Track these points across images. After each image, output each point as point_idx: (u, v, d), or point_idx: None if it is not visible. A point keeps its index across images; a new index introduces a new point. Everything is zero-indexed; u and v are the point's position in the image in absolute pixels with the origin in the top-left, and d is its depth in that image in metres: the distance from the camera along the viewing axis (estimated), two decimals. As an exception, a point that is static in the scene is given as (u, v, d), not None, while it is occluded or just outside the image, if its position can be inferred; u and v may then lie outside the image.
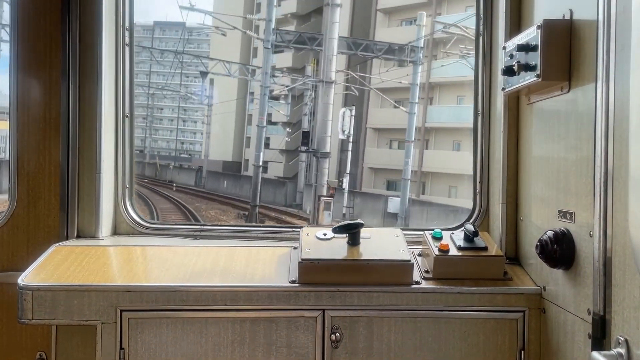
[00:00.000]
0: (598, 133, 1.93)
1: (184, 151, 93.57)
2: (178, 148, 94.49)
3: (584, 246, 2.13)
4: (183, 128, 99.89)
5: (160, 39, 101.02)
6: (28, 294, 2.34)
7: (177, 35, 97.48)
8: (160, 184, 44.15)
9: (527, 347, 2.51)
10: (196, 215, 25.66)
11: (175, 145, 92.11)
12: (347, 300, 2.46)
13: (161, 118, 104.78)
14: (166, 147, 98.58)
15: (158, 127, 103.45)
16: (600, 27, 1.91)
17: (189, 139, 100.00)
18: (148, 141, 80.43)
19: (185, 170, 56.21)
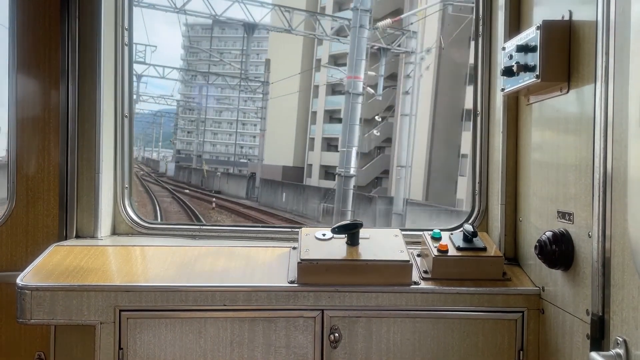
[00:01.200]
0: (597, 134, 1.93)
1: (243, 155, 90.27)
2: (237, 152, 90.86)
3: (582, 247, 2.13)
4: (243, 132, 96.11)
5: (219, 38, 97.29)
6: (27, 294, 2.34)
7: (236, 33, 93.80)
8: (202, 195, 36.65)
9: (525, 347, 2.51)
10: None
11: (234, 150, 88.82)
12: (346, 300, 2.46)
13: (220, 121, 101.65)
14: (225, 151, 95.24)
15: (217, 131, 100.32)
16: (600, 28, 1.91)
17: (249, 142, 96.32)
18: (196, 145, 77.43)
19: (236, 178, 47.24)
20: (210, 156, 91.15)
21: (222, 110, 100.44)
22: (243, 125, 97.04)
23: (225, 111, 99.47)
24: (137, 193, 32.71)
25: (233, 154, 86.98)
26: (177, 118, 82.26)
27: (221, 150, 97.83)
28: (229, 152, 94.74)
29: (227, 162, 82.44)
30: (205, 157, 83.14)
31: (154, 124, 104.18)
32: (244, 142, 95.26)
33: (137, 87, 59.35)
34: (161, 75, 39.45)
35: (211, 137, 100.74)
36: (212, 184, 46.61)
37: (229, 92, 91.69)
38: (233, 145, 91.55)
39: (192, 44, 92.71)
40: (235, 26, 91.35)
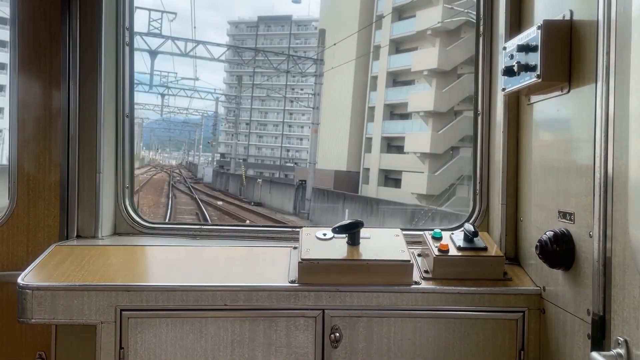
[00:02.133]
0: (598, 133, 1.93)
1: (289, 159, 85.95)
2: (283, 156, 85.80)
3: (583, 246, 2.13)
4: (289, 134, 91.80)
5: (265, 35, 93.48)
6: (28, 294, 2.34)
7: (282, 30, 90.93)
8: (237, 209, 29.44)
9: (526, 347, 2.51)
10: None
11: (280, 153, 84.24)
12: (347, 300, 2.46)
13: (265, 123, 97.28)
14: (271, 154, 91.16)
15: (262, 134, 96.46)
16: (601, 27, 1.91)
17: (295, 145, 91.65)
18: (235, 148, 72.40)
19: (280, 187, 36.73)
20: (255, 160, 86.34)
21: (267, 112, 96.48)
22: (289, 127, 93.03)
23: (271, 112, 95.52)
24: (154, 205, 29.11)
25: (279, 158, 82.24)
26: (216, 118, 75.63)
27: (266, 153, 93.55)
28: (274, 155, 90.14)
29: (272, 166, 78.22)
30: (250, 160, 77.94)
31: (197, 126, 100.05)
32: (290, 145, 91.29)
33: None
34: (183, 53, 34.33)
35: (256, 140, 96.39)
36: (252, 193, 39.26)
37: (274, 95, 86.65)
38: (279, 148, 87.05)
39: (237, 42, 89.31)
40: (282, 23, 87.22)
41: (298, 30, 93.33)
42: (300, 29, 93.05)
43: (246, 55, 53.46)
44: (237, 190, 43.30)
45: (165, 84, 59.69)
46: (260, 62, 49.06)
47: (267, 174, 66.35)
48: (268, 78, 79.25)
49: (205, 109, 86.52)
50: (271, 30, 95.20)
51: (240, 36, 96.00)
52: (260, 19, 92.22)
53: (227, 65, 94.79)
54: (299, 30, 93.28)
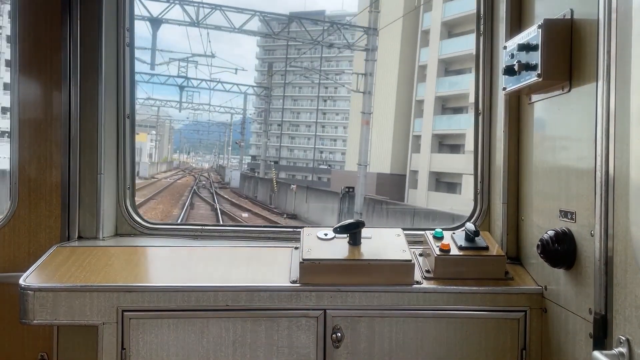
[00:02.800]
0: (599, 132, 1.93)
1: (323, 161, 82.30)
2: (316, 158, 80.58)
3: (585, 245, 2.13)
4: (322, 135, 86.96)
5: (296, 32, 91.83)
6: (29, 295, 2.34)
7: (315, 26, 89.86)
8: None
9: (528, 346, 2.51)
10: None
11: (313, 155, 79.40)
12: (349, 300, 2.46)
13: (297, 124, 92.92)
14: (304, 156, 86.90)
15: (294, 135, 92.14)
16: (601, 26, 1.91)
17: (329, 146, 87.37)
18: (264, 149, 68.11)
19: (319, 194, 30.84)
20: (287, 162, 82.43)
21: (299, 112, 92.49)
22: (322, 127, 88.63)
23: (304, 112, 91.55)
24: (160, 219, 23.13)
25: (311, 160, 77.49)
26: (244, 116, 69.25)
27: (299, 155, 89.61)
28: (307, 157, 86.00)
29: (304, 168, 74.83)
30: (282, 163, 73.15)
31: (226, 126, 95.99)
32: (323, 147, 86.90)
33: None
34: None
35: (288, 141, 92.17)
36: (284, 201, 32.85)
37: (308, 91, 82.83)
38: (312, 149, 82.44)
39: (268, 40, 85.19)
40: (315, 18, 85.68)
41: (331, 26, 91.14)
42: (334, 26, 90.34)
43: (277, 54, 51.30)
44: (267, 198, 37.03)
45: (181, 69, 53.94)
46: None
47: (300, 176, 63.46)
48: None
49: (233, 106, 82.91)
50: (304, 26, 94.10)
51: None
52: (291, 14, 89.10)
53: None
54: (333, 26, 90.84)
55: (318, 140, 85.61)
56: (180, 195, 39.17)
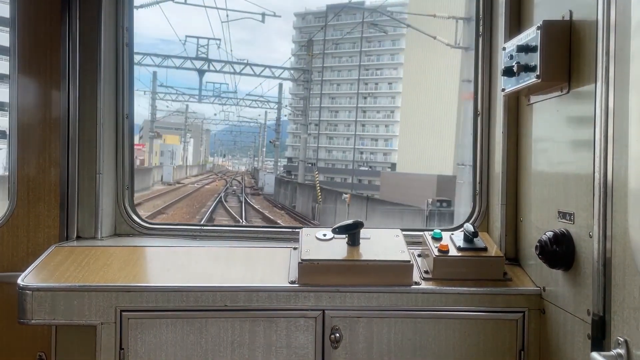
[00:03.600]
0: (597, 133, 1.93)
1: (363, 162, 76.41)
2: (356, 159, 73.95)
3: (583, 247, 2.13)
4: (362, 134, 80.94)
5: (334, 26, 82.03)
6: (28, 294, 2.34)
7: (354, 19, 78.67)
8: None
9: (526, 347, 2.51)
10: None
11: (352, 155, 72.86)
12: (347, 300, 2.46)
13: (336, 123, 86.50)
14: (342, 157, 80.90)
15: (332, 135, 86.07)
16: (600, 28, 1.91)
17: (369, 146, 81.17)
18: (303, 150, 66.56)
19: (387, 209, 24.33)
20: (325, 164, 76.97)
21: (337, 110, 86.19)
22: (362, 126, 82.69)
23: (342, 111, 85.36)
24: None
25: (351, 161, 71.25)
26: (279, 110, 60.87)
27: (337, 156, 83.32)
28: (346, 158, 79.53)
29: (344, 170, 69.31)
30: (320, 164, 66.74)
31: (262, 126, 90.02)
32: (364, 147, 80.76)
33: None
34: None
35: (326, 141, 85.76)
36: (332, 215, 25.45)
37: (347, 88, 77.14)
38: (351, 150, 75.76)
39: (303, 36, 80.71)
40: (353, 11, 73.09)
41: (372, 18, 79.45)
42: (375, 15, 78.76)
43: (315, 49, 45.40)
44: (309, 209, 29.27)
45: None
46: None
47: (338, 179, 59.45)
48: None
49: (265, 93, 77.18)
50: (341, 19, 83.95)
51: (307, 28, 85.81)
52: (329, 8, 78.02)
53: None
54: (373, 18, 79.42)
55: (358, 140, 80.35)
56: (202, 205, 32.58)
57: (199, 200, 35.48)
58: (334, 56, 75.35)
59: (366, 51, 73.64)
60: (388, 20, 60.74)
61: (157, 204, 29.60)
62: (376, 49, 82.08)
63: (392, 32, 73.74)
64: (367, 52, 74.82)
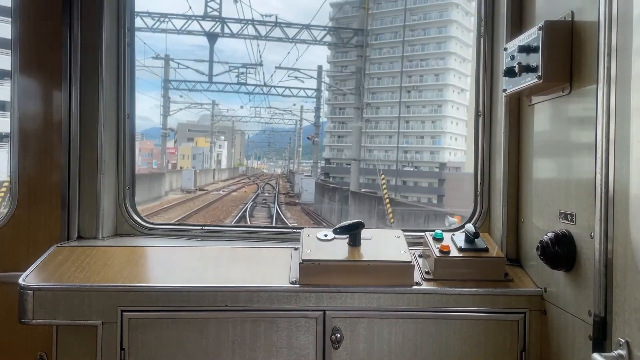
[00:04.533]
0: (599, 134, 1.92)
1: (407, 162, 69.83)
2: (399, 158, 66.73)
3: (585, 248, 2.13)
4: (406, 132, 72.64)
5: (373, 15, 73.98)
6: (29, 294, 2.34)
7: (395, 6, 73.29)
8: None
9: (527, 348, 2.51)
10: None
11: (396, 155, 66.96)
12: (348, 301, 2.46)
13: (377, 120, 78.49)
14: (384, 157, 73.22)
15: (373, 133, 78.06)
16: (602, 28, 1.91)
17: (415, 145, 73.05)
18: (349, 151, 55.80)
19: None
20: (366, 165, 67.94)
21: (379, 107, 78.13)
22: (406, 122, 75.20)
23: (384, 107, 77.42)
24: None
25: (394, 161, 65.20)
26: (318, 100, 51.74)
27: (379, 156, 74.43)
28: (389, 158, 72.18)
29: (386, 171, 61.51)
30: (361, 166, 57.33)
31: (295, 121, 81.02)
32: (408, 146, 72.60)
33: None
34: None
35: (367, 140, 76.97)
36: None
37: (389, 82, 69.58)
38: (394, 149, 69.08)
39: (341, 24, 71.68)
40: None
41: (415, 4, 74.87)
42: (418, 1, 74.95)
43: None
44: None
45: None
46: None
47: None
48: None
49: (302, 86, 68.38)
50: (381, 7, 76.14)
51: (344, 19, 75.88)
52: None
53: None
54: (416, 4, 75.21)
55: (401, 138, 72.74)
56: (219, 221, 26.28)
57: (217, 214, 29.16)
58: (374, 47, 68.21)
59: (409, 41, 66.70)
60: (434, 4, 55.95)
61: (168, 217, 25.51)
62: (420, 38, 75.08)
63: (437, 19, 69.13)
64: (410, 42, 67.78)
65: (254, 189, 51.34)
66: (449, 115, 75.31)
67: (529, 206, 2.64)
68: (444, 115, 74.22)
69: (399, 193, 38.32)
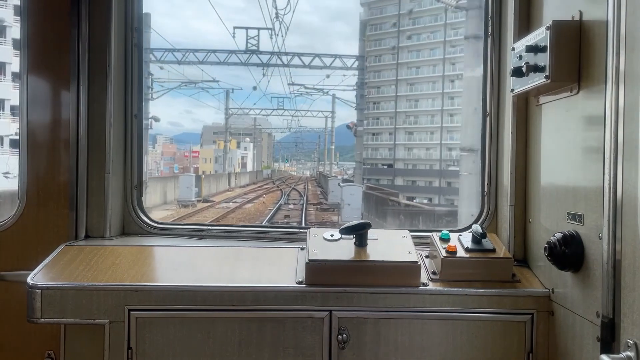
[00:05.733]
0: (607, 135, 1.91)
1: (453, 161, 57.80)
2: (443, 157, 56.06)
3: (593, 248, 2.12)
4: (450, 126, 61.09)
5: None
6: (37, 293, 2.36)
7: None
8: None
9: (535, 349, 2.50)
10: None
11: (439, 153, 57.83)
12: (354, 301, 2.46)
13: (416, 115, 67.65)
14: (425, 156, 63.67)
15: (411, 129, 67.34)
16: (610, 28, 1.90)
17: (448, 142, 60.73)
18: (386, 150, 49.09)
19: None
20: (404, 165, 62.23)
21: (417, 99, 67.57)
22: (450, 116, 63.05)
23: (423, 99, 66.84)
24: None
25: (437, 160, 55.50)
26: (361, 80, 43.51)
27: (419, 155, 65.38)
28: (430, 157, 61.80)
29: (428, 172, 54.21)
30: (398, 166, 53.94)
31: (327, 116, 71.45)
32: (454, 142, 59.03)
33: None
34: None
35: (404, 137, 67.33)
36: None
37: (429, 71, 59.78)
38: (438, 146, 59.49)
39: (374, 12, 66.34)
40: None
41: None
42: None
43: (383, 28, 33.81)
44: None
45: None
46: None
47: (422, 182, 47.36)
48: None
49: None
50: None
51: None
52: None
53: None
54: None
55: (445, 134, 60.93)
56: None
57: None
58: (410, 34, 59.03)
59: (451, 24, 55.95)
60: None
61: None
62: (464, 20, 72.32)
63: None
64: (452, 25, 56.77)
65: (276, 197, 41.26)
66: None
67: (536, 206, 2.63)
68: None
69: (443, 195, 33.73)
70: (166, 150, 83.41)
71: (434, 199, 37.92)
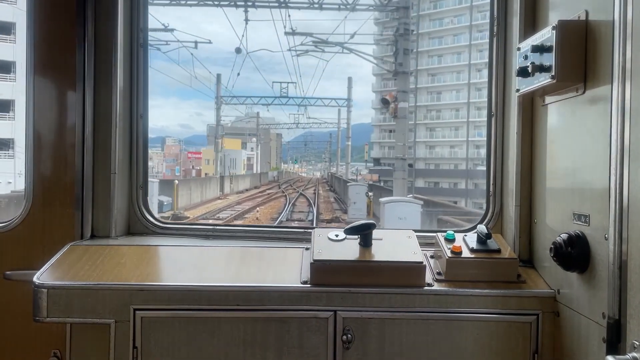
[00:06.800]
0: (613, 135, 1.90)
1: (480, 160, 50.45)
2: (470, 155, 50.89)
3: (599, 249, 2.11)
4: (477, 121, 55.04)
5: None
6: (43, 293, 2.37)
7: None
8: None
9: (540, 350, 2.49)
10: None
11: (466, 151, 52.05)
12: (359, 301, 2.46)
13: (439, 109, 61.39)
14: (450, 155, 58.75)
15: (433, 125, 61.32)
16: (616, 28, 1.89)
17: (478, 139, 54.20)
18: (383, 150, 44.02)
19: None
20: (425, 164, 56.97)
21: (440, 92, 61.10)
22: (477, 110, 57.32)
23: (446, 92, 60.29)
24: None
25: (464, 159, 49.69)
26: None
27: (442, 154, 60.06)
28: (456, 156, 56.29)
29: (452, 172, 48.59)
30: (419, 166, 48.81)
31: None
32: (481, 139, 52.57)
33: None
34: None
35: (425, 134, 62.36)
36: None
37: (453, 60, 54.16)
38: (464, 143, 52.42)
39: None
40: None
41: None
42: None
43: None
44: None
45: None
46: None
47: (446, 184, 43.12)
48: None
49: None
50: None
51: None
52: None
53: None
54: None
55: (472, 130, 54.76)
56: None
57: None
58: (432, 18, 52.92)
59: (477, 6, 50.66)
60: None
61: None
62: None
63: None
64: (479, 8, 51.41)
65: (277, 207, 32.69)
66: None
67: (542, 207, 2.62)
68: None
69: (470, 198, 30.86)
70: (168, 152, 79.75)
71: (459, 202, 35.00)
